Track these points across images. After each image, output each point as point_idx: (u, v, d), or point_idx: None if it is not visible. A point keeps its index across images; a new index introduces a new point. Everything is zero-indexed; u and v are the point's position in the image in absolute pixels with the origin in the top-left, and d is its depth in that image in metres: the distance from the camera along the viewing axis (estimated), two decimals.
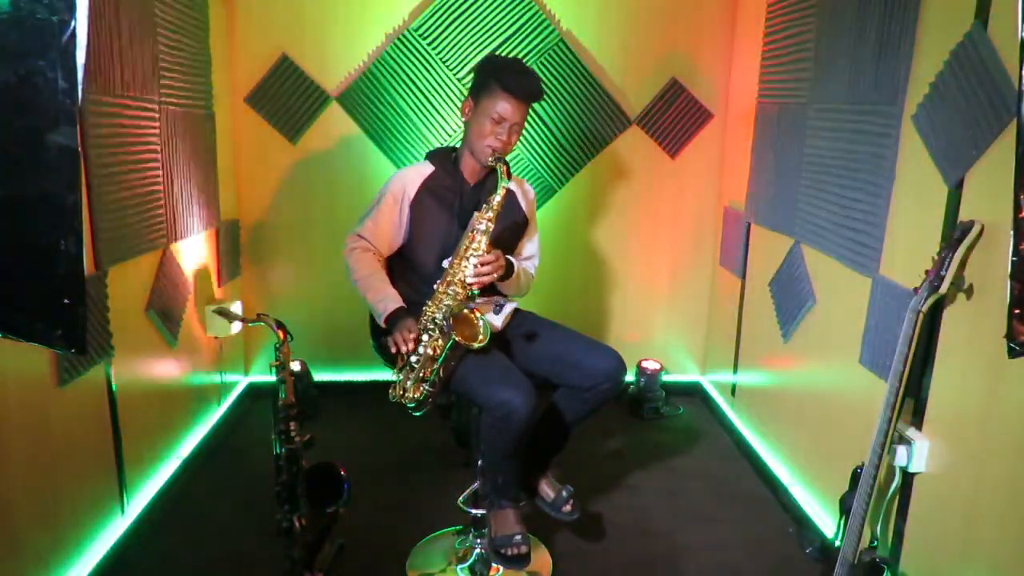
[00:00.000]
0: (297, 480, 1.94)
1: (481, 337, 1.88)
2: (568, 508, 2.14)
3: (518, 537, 2.04)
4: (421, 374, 1.97)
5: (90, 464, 2.08)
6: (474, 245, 2.00)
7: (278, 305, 3.37)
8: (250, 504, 2.49)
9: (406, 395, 2.00)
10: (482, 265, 1.98)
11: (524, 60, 3.16)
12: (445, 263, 2.06)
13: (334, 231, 3.22)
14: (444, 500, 2.49)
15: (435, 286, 2.02)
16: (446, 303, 1.99)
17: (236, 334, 3.23)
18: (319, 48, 3.15)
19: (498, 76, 2.03)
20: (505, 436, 1.92)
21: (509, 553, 2.02)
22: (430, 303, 2.02)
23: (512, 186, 2.22)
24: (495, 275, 2.02)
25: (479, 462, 2.10)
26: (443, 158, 2.19)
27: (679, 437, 3.18)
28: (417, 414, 2.02)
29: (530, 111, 2.14)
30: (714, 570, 2.24)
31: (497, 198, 1.99)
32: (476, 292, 2.02)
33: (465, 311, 1.92)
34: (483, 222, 1.99)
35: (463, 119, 2.13)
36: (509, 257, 2.14)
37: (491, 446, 1.98)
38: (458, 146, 2.21)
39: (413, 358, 1.98)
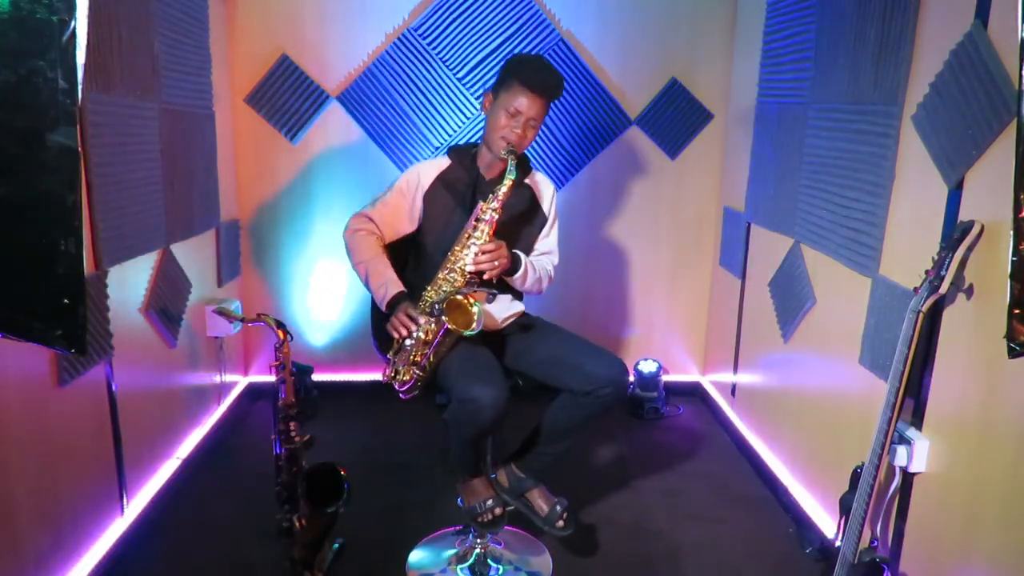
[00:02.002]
0: (297, 480, 1.94)
1: (474, 325, 1.88)
2: (560, 524, 2.11)
3: (489, 502, 2.09)
4: (413, 357, 1.98)
5: (90, 464, 2.08)
6: (476, 234, 1.99)
7: (278, 305, 3.37)
8: (250, 504, 2.49)
9: (397, 377, 2.01)
10: (482, 253, 1.97)
11: None
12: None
13: (334, 231, 3.22)
14: (444, 500, 2.49)
15: (437, 272, 2.03)
16: (444, 289, 1.99)
17: (236, 334, 3.23)
18: (319, 48, 3.15)
19: (517, 71, 2.04)
20: (469, 429, 1.93)
21: (484, 519, 2.09)
22: (429, 288, 2.03)
23: (530, 181, 2.23)
24: (496, 264, 1.99)
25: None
26: (462, 153, 2.21)
27: (679, 437, 3.18)
28: (406, 397, 2.02)
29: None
30: (714, 570, 2.24)
31: (503, 188, 1.99)
32: (475, 281, 2.00)
33: (458, 297, 1.92)
34: (487, 212, 1.99)
35: (483, 112, 2.14)
36: (518, 252, 2.13)
37: (455, 431, 2.01)
38: (479, 142, 2.20)
39: (408, 341, 1.98)
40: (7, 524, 1.69)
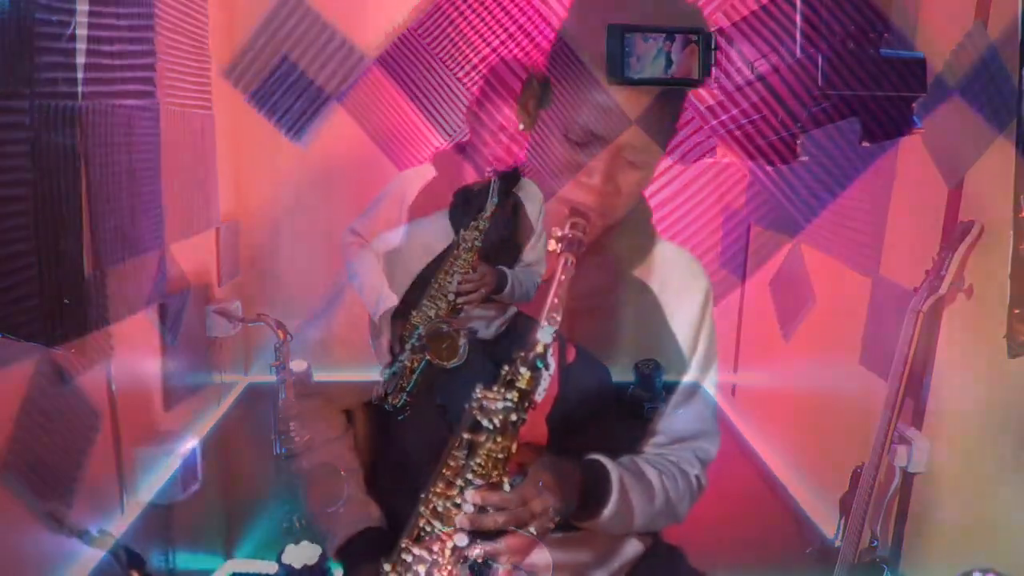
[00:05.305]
0: (297, 480, 1.94)
1: (456, 359, 1.87)
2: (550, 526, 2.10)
3: None
4: (400, 383, 1.97)
5: (90, 464, 2.07)
6: (459, 262, 1.91)
7: (278, 305, 3.37)
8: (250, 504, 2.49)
9: (388, 399, 1.99)
10: (466, 283, 1.90)
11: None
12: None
13: (334, 231, 3.20)
14: None
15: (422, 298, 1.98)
16: (429, 315, 1.97)
17: (236, 334, 3.23)
18: (319, 48, 3.14)
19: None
20: None
21: None
22: (415, 313, 1.99)
23: (519, 191, 2.18)
24: (481, 293, 1.92)
25: None
26: (447, 162, 2.15)
27: None
28: (400, 417, 2.02)
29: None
30: (714, 570, 2.24)
31: (486, 214, 1.89)
32: (460, 308, 1.98)
33: (443, 328, 1.91)
34: (469, 240, 1.90)
35: (466, 124, 2.10)
36: (504, 270, 2.05)
37: None
38: (464, 146, 2.16)
39: (395, 366, 1.98)
40: (7, 524, 1.69)
